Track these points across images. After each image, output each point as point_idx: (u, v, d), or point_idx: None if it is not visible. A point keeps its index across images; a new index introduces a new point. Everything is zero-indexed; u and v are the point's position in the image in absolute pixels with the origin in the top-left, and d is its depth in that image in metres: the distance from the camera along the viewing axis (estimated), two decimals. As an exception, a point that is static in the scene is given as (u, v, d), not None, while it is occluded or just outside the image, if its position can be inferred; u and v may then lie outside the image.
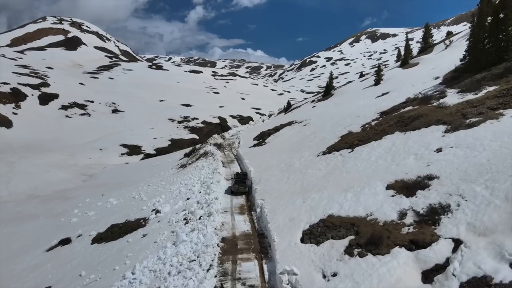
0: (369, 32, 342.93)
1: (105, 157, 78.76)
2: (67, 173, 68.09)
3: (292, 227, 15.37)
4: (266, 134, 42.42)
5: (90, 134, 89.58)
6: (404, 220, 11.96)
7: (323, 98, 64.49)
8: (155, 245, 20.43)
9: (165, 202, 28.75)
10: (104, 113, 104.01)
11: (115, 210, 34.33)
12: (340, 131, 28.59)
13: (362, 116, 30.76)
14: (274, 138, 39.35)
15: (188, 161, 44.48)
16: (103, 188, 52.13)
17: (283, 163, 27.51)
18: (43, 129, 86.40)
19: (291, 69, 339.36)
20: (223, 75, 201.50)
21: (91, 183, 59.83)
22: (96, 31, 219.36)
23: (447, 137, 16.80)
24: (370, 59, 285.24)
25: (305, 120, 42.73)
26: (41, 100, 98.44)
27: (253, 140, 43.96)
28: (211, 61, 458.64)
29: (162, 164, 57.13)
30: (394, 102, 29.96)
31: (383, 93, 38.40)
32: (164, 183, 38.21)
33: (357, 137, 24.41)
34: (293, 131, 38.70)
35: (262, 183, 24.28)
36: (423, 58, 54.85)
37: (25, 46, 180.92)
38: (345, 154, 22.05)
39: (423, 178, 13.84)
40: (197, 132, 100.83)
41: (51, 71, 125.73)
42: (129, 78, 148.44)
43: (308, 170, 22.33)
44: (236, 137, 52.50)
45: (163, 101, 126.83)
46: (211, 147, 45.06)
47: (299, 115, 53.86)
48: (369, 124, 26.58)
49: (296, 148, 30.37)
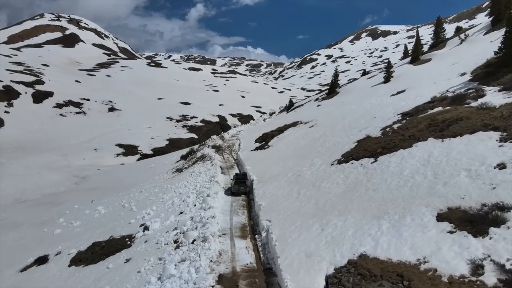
0: (370, 30, 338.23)
1: (100, 158, 74.93)
2: (59, 175, 64.27)
3: (310, 267, 11.54)
4: (269, 136, 38.53)
5: (85, 133, 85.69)
6: (483, 277, 8.13)
7: (328, 97, 60.56)
8: (138, 276, 16.62)
9: (156, 216, 24.93)
10: (100, 112, 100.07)
11: (102, 222, 30.53)
12: (356, 135, 24.71)
13: (379, 117, 26.89)
14: (278, 140, 35.46)
15: (184, 165, 40.66)
16: (94, 193, 48.36)
17: (290, 171, 23.66)
18: (36, 129, 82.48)
19: (291, 67, 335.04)
20: (223, 73, 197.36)
21: (83, 187, 56.04)
22: (94, 28, 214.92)
23: (508, 148, 12.99)
24: (371, 56, 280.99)
25: (312, 120, 38.85)
26: (35, 98, 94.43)
27: (255, 142, 40.08)
28: (211, 59, 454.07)
29: (158, 166, 53.31)
30: (416, 102, 26.06)
31: (398, 91, 34.49)
32: (157, 190, 34.39)
33: (378, 143, 20.54)
34: (299, 133, 34.82)
35: (266, 197, 20.44)
36: (435, 54, 50.90)
37: (22, 43, 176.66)
38: (367, 164, 18.19)
39: (492, 207, 10.05)
40: (196, 131, 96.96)
41: (47, 68, 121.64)
42: (127, 76, 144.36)
43: (323, 184, 18.48)
44: (236, 138, 48.61)
45: (162, 99, 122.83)
46: (209, 149, 41.21)
47: (303, 114, 49.98)
48: (390, 127, 22.70)
49: (305, 154, 26.51)
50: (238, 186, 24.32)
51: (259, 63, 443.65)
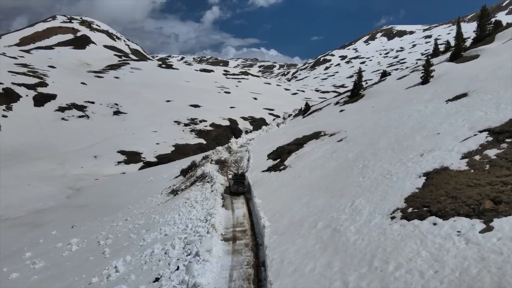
0: (385, 30, 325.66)
1: (99, 166, 67.78)
2: (52, 186, 57.20)
3: None
4: (285, 151, 30.10)
5: (86, 139, 78.81)
6: None
7: (351, 100, 51.80)
8: None
9: (124, 277, 16.97)
10: (105, 115, 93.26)
11: (64, 269, 22.72)
12: (418, 163, 16.19)
13: (445, 133, 18.30)
14: (298, 159, 27.02)
15: (181, 185, 32.66)
16: (80, 213, 40.91)
17: (321, 219, 15.31)
18: (34, 134, 75.88)
19: (305, 68, 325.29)
20: (235, 74, 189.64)
21: (73, 202, 48.72)
22: (106, 30, 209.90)
23: None
24: (386, 57, 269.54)
25: (338, 132, 30.34)
26: (36, 101, 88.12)
27: (267, 158, 31.72)
28: (223, 60, 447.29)
29: (156, 180, 45.57)
30: (504, 112, 17.43)
31: (456, 95, 25.73)
32: (142, 223, 26.45)
33: (473, 186, 12.03)
34: (324, 150, 26.33)
35: (287, 274, 12.11)
36: (484, 49, 41.68)
37: (34, 45, 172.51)
38: (472, 235, 9.69)
39: None
40: (204, 136, 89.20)
41: (52, 70, 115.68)
42: (136, 77, 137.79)
43: (390, 267, 10.05)
44: (246, 150, 40.45)
45: (170, 102, 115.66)
46: (212, 166, 33.12)
47: (324, 122, 41.47)
48: (479, 153, 14.18)
49: (339, 187, 18.10)
50: (237, 186, 25.41)
51: (272, 64, 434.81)
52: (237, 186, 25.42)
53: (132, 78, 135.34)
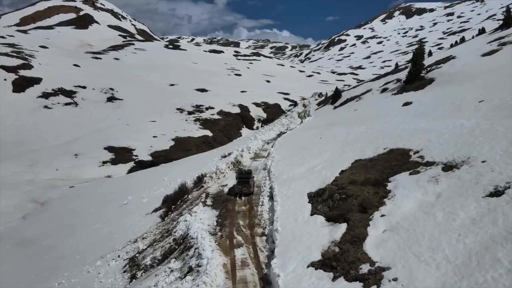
0: (404, 8, 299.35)
1: (79, 167, 52.95)
2: (10, 199, 42.57)
3: None
4: (349, 198, 13.97)
5: (69, 131, 63.93)
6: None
7: (411, 87, 35.11)
8: None
9: None
10: (97, 102, 77.99)
11: None
12: None
13: None
14: (395, 235, 11.12)
15: (149, 250, 17.29)
16: (12, 261, 26.29)
17: None
18: (6, 126, 61.28)
19: (318, 48, 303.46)
20: (246, 55, 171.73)
21: (19, 231, 34.07)
22: (111, 9, 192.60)
23: None
24: (405, 36, 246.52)
25: (451, 160, 14.24)
26: (16, 86, 73.18)
27: (311, 211, 15.21)
28: (234, 41, 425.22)
29: (131, 206, 30.44)
30: None
31: None
32: None
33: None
34: (430, 198, 10.46)
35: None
36: None
37: (34, 25, 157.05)
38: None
39: None
40: (210, 126, 73.36)
41: (43, 50, 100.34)
42: (139, 59, 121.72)
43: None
44: (263, 167, 24.71)
45: (174, 86, 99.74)
46: (203, 213, 17.47)
47: (386, 122, 25.17)
48: None
49: None
50: (241, 187, 21.03)
51: (284, 45, 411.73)
52: (241, 187, 21.22)
53: (133, 60, 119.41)
